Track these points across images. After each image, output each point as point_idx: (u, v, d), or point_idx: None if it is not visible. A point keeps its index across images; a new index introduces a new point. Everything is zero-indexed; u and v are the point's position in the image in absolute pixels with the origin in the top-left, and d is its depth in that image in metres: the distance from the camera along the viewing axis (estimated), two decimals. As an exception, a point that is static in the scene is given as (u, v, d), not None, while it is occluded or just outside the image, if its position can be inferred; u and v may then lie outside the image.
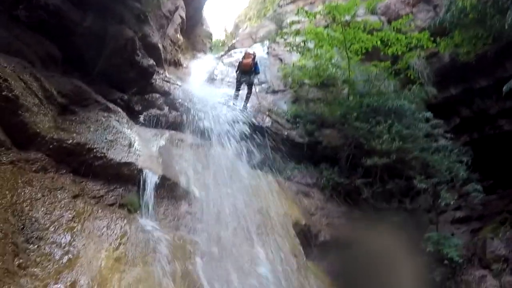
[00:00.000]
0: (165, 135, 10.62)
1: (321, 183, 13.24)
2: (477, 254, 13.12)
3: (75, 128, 8.02)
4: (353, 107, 13.71)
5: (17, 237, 5.43)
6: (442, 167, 12.58)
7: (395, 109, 13.22)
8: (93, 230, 6.63)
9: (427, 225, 13.86)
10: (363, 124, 12.96)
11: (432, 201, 13.19)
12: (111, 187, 8.01)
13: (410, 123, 13.06)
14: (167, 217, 8.46)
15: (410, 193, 13.17)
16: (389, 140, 12.31)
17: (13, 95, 6.69)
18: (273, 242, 9.57)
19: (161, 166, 9.04)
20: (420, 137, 13.05)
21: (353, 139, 13.32)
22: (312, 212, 12.21)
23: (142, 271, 6.53)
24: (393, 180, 12.86)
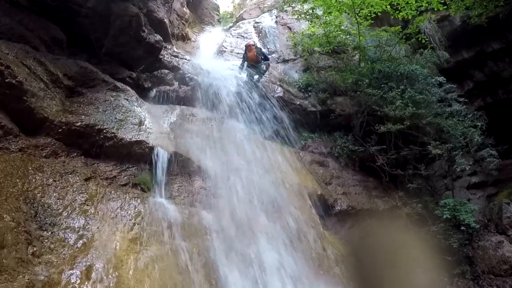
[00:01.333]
0: (176, 110, 10.45)
1: (336, 151, 12.99)
2: (493, 219, 12.92)
3: (83, 110, 7.94)
4: (365, 74, 13.34)
5: (30, 225, 5.39)
6: (456, 132, 12.29)
7: (407, 74, 12.87)
8: (107, 212, 6.58)
9: (443, 191, 13.65)
10: (376, 90, 12.60)
11: (447, 166, 12.92)
12: (124, 167, 7.98)
13: (423, 88, 12.66)
14: (181, 194, 8.37)
15: (425, 159, 12.89)
16: (402, 106, 11.98)
17: (16, 81, 6.58)
18: (289, 213, 9.41)
19: (172, 142, 8.95)
20: (433, 102, 12.69)
21: (366, 106, 13.00)
22: (328, 181, 11.99)
23: (157, 250, 6.48)
24: (407, 146, 12.57)
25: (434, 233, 11.61)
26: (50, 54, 8.57)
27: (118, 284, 5.50)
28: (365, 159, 12.92)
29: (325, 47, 14.68)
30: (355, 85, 13.30)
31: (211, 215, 8.18)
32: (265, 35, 17.12)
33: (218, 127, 10.81)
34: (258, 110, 12.36)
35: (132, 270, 5.85)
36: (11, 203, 5.39)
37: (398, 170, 12.57)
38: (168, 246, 6.73)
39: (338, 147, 13.02)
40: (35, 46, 8.22)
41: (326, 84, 14.15)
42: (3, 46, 6.97)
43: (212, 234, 7.74)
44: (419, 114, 12.07)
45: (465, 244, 11.68)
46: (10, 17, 8.03)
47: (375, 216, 12.02)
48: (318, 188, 11.19)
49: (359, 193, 12.32)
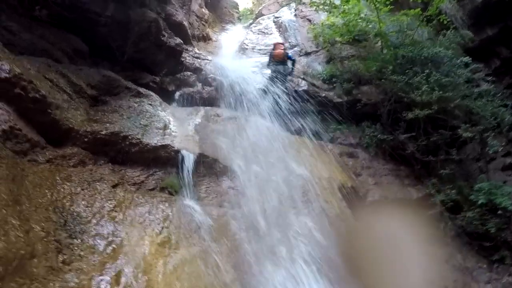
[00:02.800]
0: (200, 112, 10.58)
1: (364, 142, 12.84)
2: None
3: (108, 118, 8.13)
4: (388, 60, 13.17)
5: (60, 234, 5.53)
6: (486, 113, 11.99)
7: (431, 58, 12.64)
8: (135, 217, 6.70)
9: (477, 175, 13.38)
10: (400, 76, 12.43)
11: (480, 149, 12.66)
12: (150, 171, 8.09)
13: (449, 71, 12.43)
14: (209, 195, 8.43)
15: (456, 144, 12.66)
16: (428, 90, 11.76)
17: (40, 95, 6.77)
18: (319, 208, 9.38)
19: (198, 144, 9.04)
20: (460, 84, 12.40)
21: (392, 94, 12.80)
22: (358, 173, 11.93)
23: (187, 253, 6.56)
24: (437, 131, 12.34)
25: (470, 219, 11.39)
26: (73, 65, 8.80)
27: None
28: (395, 148, 12.73)
29: (346, 36, 14.58)
30: (380, 73, 13.17)
31: (240, 214, 8.21)
32: (285, 29, 17.05)
33: (244, 125, 10.86)
34: (283, 105, 12.35)
35: (161, 274, 5.93)
36: (40, 214, 5.53)
37: (429, 156, 12.34)
38: (197, 248, 6.80)
39: (367, 137, 12.86)
40: (57, 58, 8.45)
41: (350, 74, 14.04)
42: (25, 62, 7.17)
43: (242, 233, 7.77)
44: (446, 97, 11.83)
45: (503, 228, 11.43)
46: (31, 33, 8.25)
47: (409, 205, 11.86)
48: (348, 180, 11.13)
49: (391, 182, 12.17)
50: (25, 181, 5.84)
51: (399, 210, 11.50)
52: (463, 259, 11.25)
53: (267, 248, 7.81)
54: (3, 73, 6.32)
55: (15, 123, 6.32)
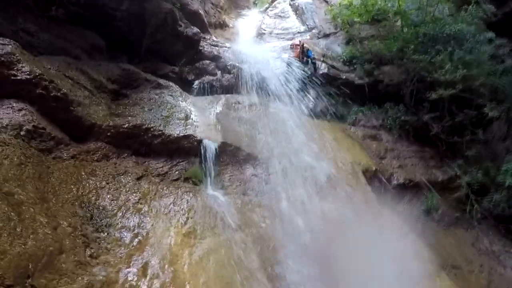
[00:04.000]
0: (221, 100, 10.62)
1: (388, 123, 12.78)
2: None
3: (129, 111, 8.27)
4: (409, 39, 12.95)
5: (86, 228, 5.70)
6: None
7: (454, 35, 12.32)
8: (160, 209, 6.84)
9: (504, 155, 13.17)
10: (422, 55, 12.24)
11: (507, 128, 12.45)
12: (174, 162, 8.18)
13: (472, 47, 12.15)
14: (233, 183, 8.51)
15: (482, 123, 12.45)
16: (452, 69, 11.59)
17: (61, 94, 6.97)
18: (343, 193, 9.43)
19: (220, 132, 9.10)
20: (484, 61, 12.16)
21: (414, 73, 12.65)
22: (382, 155, 11.90)
23: (212, 243, 6.66)
24: (462, 111, 12.19)
25: (497, 201, 11.27)
26: (92, 61, 8.93)
27: (174, 279, 5.71)
28: (419, 129, 12.65)
29: (365, 16, 14.38)
30: (401, 52, 13.00)
31: (264, 202, 8.30)
32: (302, 12, 16.95)
33: (265, 111, 10.88)
34: (304, 89, 12.38)
35: (187, 264, 6.05)
36: (67, 209, 5.71)
37: (454, 137, 12.22)
38: (222, 237, 6.89)
39: (390, 119, 12.78)
40: (76, 55, 8.59)
41: (370, 55, 13.92)
42: (44, 62, 7.34)
43: (266, 221, 7.87)
44: (471, 75, 11.65)
45: None
46: (48, 33, 8.38)
47: (434, 188, 11.78)
48: (372, 163, 11.13)
49: (416, 164, 12.12)
50: (51, 178, 6.03)
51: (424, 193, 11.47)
52: (489, 242, 11.24)
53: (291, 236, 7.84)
54: (24, 75, 6.53)
55: (38, 122, 6.51)
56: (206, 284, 5.96)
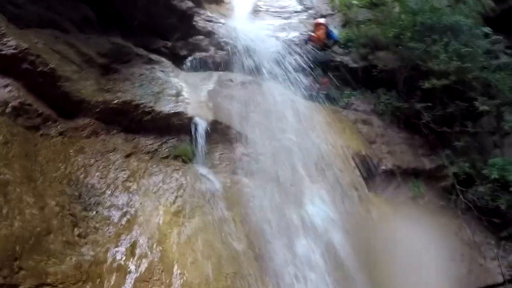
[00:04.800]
0: (213, 77, 10.55)
1: (380, 109, 12.86)
2: None
3: (119, 86, 8.20)
4: (406, 27, 12.91)
5: (74, 207, 5.73)
6: (504, 87, 11.87)
7: (450, 26, 12.38)
8: (149, 187, 6.87)
9: (492, 149, 13.35)
10: (418, 44, 12.28)
11: (496, 123, 12.59)
12: (164, 139, 8.17)
13: (467, 40, 12.22)
14: (223, 162, 8.53)
15: (472, 116, 12.60)
16: (446, 59, 11.64)
17: (49, 69, 6.93)
18: (332, 176, 9.51)
19: (211, 110, 9.07)
20: (479, 54, 12.22)
21: (409, 61, 12.69)
22: (372, 140, 11.96)
23: (200, 222, 6.71)
24: (453, 102, 12.27)
25: (481, 193, 11.46)
26: (81, 34, 8.81)
27: (162, 259, 5.77)
28: (410, 116, 12.73)
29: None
30: (397, 39, 12.98)
31: (253, 182, 8.32)
32: (300, -11, 16.78)
33: (258, 90, 10.83)
34: (299, 70, 12.33)
35: (175, 244, 6.11)
36: (55, 188, 5.72)
37: (444, 127, 12.37)
38: (210, 217, 6.94)
39: (382, 104, 12.87)
40: (66, 28, 8.49)
41: (366, 39, 13.89)
42: (31, 36, 7.26)
43: (255, 201, 7.90)
44: (464, 68, 11.70)
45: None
46: (37, 5, 8.26)
47: (421, 176, 12.03)
48: (362, 148, 11.22)
49: (405, 151, 12.24)
50: (38, 156, 6.03)
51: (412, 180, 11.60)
52: (472, 233, 11.44)
53: (279, 216, 7.95)
54: (10, 49, 6.50)
55: (25, 98, 6.49)
56: (194, 264, 6.02)
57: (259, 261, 7.00)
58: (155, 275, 5.61)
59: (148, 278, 5.51)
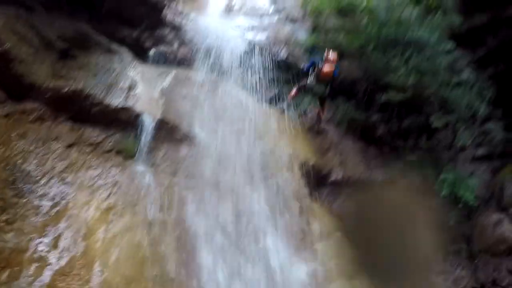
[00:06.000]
0: (171, 73, 10.72)
1: (337, 118, 13.20)
2: (495, 195, 13.29)
3: (73, 74, 8.48)
4: (371, 38, 13.21)
5: (6, 193, 6.10)
6: (461, 103, 12.47)
7: (414, 40, 12.76)
8: (85, 180, 7.24)
9: (447, 163, 13.97)
10: (380, 56, 12.68)
11: (452, 138, 13.22)
12: (110, 132, 8.51)
13: (430, 55, 12.63)
14: (165, 162, 8.83)
15: (429, 130, 13.15)
16: (405, 74, 12.06)
17: (4, 49, 7.20)
18: (276, 184, 9.85)
19: (161, 108, 9.35)
20: (440, 70, 12.59)
21: (371, 73, 13.11)
22: (325, 150, 12.31)
23: (129, 221, 7.10)
24: (410, 116, 12.88)
25: (431, 208, 12.03)
26: (46, 14, 8.89)
27: (85, 254, 6.18)
28: (366, 128, 13.17)
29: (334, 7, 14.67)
30: (361, 49, 13.36)
31: (192, 185, 8.64)
32: (275, -8, 17.05)
33: (214, 91, 11.02)
34: (260, 73, 12.59)
35: (100, 241, 6.51)
36: (-10, 171, 6.04)
37: (399, 140, 12.95)
38: (141, 216, 7.32)
39: (339, 114, 13.23)
40: (31, 7, 8.58)
41: (333, 47, 13.99)
42: (-9, 14, 7.47)
43: (191, 205, 8.25)
44: (423, 83, 12.18)
45: (462, 221, 12.14)
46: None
47: (372, 188, 12.38)
48: (311, 157, 11.52)
49: (357, 163, 12.63)
50: (-21, 136, 6.29)
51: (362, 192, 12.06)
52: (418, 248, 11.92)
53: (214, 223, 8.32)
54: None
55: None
56: (115, 262, 6.44)
57: (186, 266, 7.37)
58: (75, 270, 6.02)
59: (67, 272, 5.91)
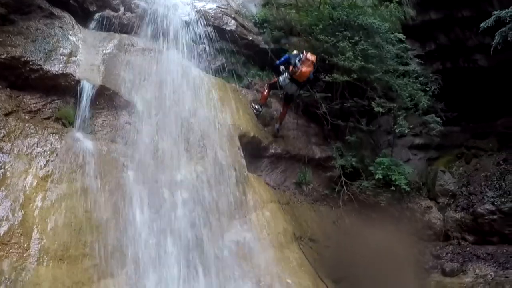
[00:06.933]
0: (114, 39, 10.79)
1: (280, 93, 13.49)
2: (427, 184, 14.61)
3: (11, 40, 8.54)
4: (322, 18, 13.78)
5: None
6: (404, 93, 13.29)
7: (365, 26, 13.38)
8: (23, 149, 7.48)
9: (385, 147, 14.88)
10: (328, 37, 13.21)
11: (393, 124, 14.13)
12: (49, 99, 8.74)
13: (379, 43, 13.35)
14: (104, 128, 9.12)
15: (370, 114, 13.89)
16: (352, 58, 12.67)
17: None
18: (213, 154, 10.26)
19: (102, 75, 9.52)
20: (387, 58, 13.50)
21: (318, 52, 13.40)
22: (267, 123, 12.83)
23: (67, 188, 7.44)
24: (353, 98, 13.57)
25: (364, 188, 12.96)
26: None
27: (23, 223, 6.51)
28: (309, 105, 13.85)
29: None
30: (311, 28, 13.87)
31: (131, 152, 8.97)
32: (227, -38, 17.05)
33: (157, 58, 11.08)
34: (206, 42, 12.73)
35: (38, 209, 6.83)
36: None
37: (339, 120, 13.64)
38: (79, 183, 7.66)
39: (284, 89, 13.65)
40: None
41: (283, 23, 14.61)
42: None
43: (129, 172, 8.61)
44: (368, 68, 12.90)
45: (393, 204, 13.00)
46: None
47: (310, 163, 13.26)
48: (252, 129, 11.95)
49: (298, 138, 13.29)
50: None
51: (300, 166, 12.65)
52: (350, 223, 12.93)
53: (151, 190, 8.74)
54: None
55: None
56: (53, 230, 6.78)
57: (123, 232, 7.79)
58: (14, 238, 6.36)
59: (6, 241, 6.26)
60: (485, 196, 13.96)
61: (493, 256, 13.04)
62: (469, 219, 13.87)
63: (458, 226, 14.05)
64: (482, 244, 13.62)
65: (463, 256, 13.40)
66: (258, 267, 9.30)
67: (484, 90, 15.96)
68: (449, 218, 14.19)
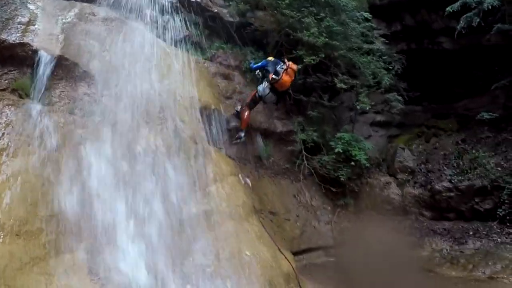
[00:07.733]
0: (75, 8, 10.72)
1: (244, 66, 13.93)
2: (387, 160, 15.05)
3: (-33, 9, 8.48)
4: None
5: None
6: (367, 70, 13.63)
7: (331, 3, 13.61)
8: (-23, 123, 7.46)
9: (347, 123, 15.23)
10: (294, 12, 13.34)
11: (355, 101, 14.46)
12: (5, 70, 8.69)
13: (344, 20, 13.65)
14: (62, 100, 9.10)
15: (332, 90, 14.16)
16: (316, 33, 12.89)
17: None
18: (174, 126, 10.39)
19: (60, 45, 9.48)
20: (352, 36, 13.84)
21: (284, 26, 13.75)
22: (229, 96, 13.03)
23: (23, 162, 7.42)
24: (316, 74, 13.85)
25: (325, 162, 13.28)
26: None
27: (-22, 198, 6.50)
28: (272, 79, 13.87)
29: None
30: (277, 3, 13.90)
31: (89, 124, 9.01)
32: None
33: (119, 28, 11.09)
34: (170, 12, 12.84)
35: (-8, 184, 6.82)
36: None
37: (302, 95, 13.96)
38: (35, 156, 7.64)
39: (247, 62, 13.94)
40: None
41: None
42: None
43: (87, 143, 8.62)
44: (332, 45, 13.14)
45: (353, 179, 13.37)
46: None
47: (271, 137, 13.59)
48: (213, 102, 12.11)
49: (260, 111, 13.48)
50: None
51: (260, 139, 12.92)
52: (310, 197, 13.39)
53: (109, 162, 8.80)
54: None
55: None
56: (9, 205, 6.76)
57: (81, 205, 7.84)
58: (-33, 215, 6.40)
59: (-41, 218, 6.29)
60: (443, 174, 14.59)
61: (449, 232, 13.70)
62: (427, 195, 14.50)
63: (416, 202, 14.68)
64: (439, 220, 14.31)
65: (420, 231, 13.97)
66: (217, 239, 9.43)
67: (447, 73, 16.63)
68: (408, 194, 14.77)
